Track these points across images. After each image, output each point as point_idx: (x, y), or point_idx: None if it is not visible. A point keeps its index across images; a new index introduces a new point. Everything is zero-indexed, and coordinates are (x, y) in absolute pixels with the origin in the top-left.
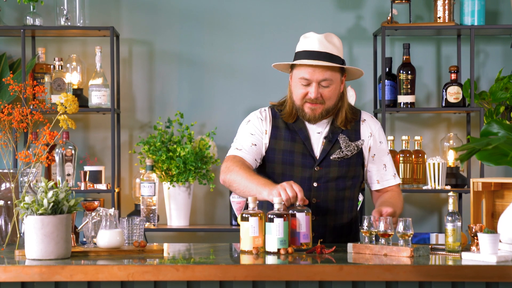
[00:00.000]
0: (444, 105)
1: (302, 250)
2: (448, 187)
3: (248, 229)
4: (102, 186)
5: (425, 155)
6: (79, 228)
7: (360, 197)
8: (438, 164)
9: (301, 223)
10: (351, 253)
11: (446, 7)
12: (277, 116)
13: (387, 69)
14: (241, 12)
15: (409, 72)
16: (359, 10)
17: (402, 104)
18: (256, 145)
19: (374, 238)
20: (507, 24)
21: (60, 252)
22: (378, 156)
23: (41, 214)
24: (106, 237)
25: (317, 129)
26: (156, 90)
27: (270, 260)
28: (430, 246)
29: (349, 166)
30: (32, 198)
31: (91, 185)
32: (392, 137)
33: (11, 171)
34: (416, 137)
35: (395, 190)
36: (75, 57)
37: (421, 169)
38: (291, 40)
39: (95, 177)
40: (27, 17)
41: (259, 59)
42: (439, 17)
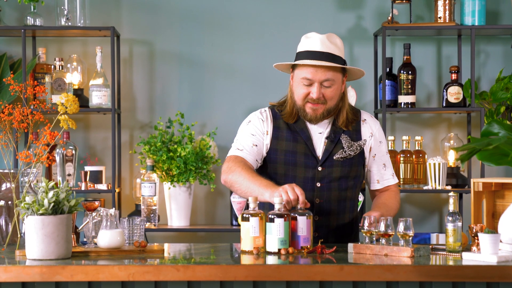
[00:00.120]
0: (444, 105)
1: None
2: (449, 187)
3: (249, 229)
4: (102, 186)
5: (426, 155)
6: (79, 228)
7: (360, 197)
8: (439, 164)
9: (302, 226)
10: (351, 253)
11: (447, 7)
12: (278, 116)
13: (388, 69)
14: (241, 12)
15: (410, 72)
16: (359, 10)
17: (402, 104)
18: (257, 146)
19: (374, 239)
20: (508, 24)
21: (60, 252)
22: (378, 156)
23: (41, 214)
24: (107, 237)
25: (318, 130)
26: (157, 90)
27: (271, 260)
28: (430, 246)
29: (351, 166)
30: (33, 198)
31: (91, 185)
32: (392, 137)
33: (12, 171)
34: (416, 137)
35: (393, 190)
36: (76, 57)
37: (422, 169)
38: (292, 40)
39: (96, 177)
40: (28, 17)
41: (259, 59)
42: (440, 17)
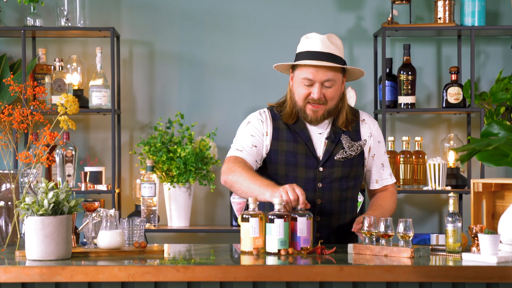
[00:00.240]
0: (444, 105)
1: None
2: (449, 188)
3: (249, 229)
4: (102, 187)
5: (426, 156)
6: (79, 229)
7: (360, 198)
8: (439, 164)
9: (302, 227)
10: (351, 254)
11: (447, 8)
12: (277, 117)
13: (388, 70)
14: (241, 12)
15: (410, 72)
16: (359, 10)
17: (402, 104)
18: (257, 147)
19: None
20: (508, 25)
21: (60, 252)
22: (377, 156)
23: (41, 214)
24: (107, 238)
25: (318, 130)
26: (157, 91)
27: (271, 260)
28: (430, 247)
29: (352, 166)
30: (33, 199)
31: (91, 185)
32: (392, 138)
33: (12, 171)
34: (416, 138)
35: (391, 190)
36: (76, 58)
37: (422, 169)
38: (292, 41)
39: (96, 177)
40: (28, 18)
41: (259, 59)
42: (440, 18)
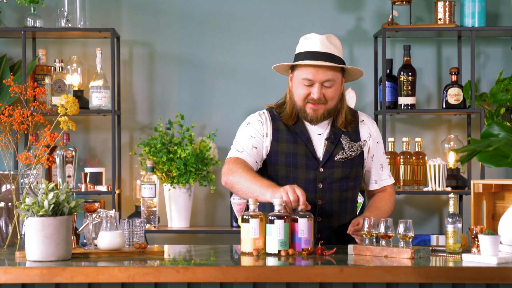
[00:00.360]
0: (444, 106)
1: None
2: (449, 189)
3: (249, 230)
4: (102, 188)
5: (426, 157)
6: (79, 230)
7: (360, 199)
8: (439, 165)
9: (302, 228)
10: (351, 255)
11: (447, 8)
12: (277, 118)
13: (388, 71)
14: (241, 14)
15: (410, 73)
16: (359, 11)
17: (402, 105)
18: (257, 148)
19: (374, 240)
20: (508, 25)
21: (60, 253)
22: (376, 156)
23: (41, 215)
24: (107, 239)
25: (317, 131)
26: (157, 92)
27: (271, 261)
28: (430, 248)
29: (352, 167)
30: (33, 199)
31: (91, 186)
32: (392, 139)
33: (12, 172)
34: (416, 139)
35: (389, 191)
36: (76, 59)
37: (422, 170)
38: (292, 42)
39: (96, 178)
40: (28, 19)
41: (259, 60)
42: (440, 19)
